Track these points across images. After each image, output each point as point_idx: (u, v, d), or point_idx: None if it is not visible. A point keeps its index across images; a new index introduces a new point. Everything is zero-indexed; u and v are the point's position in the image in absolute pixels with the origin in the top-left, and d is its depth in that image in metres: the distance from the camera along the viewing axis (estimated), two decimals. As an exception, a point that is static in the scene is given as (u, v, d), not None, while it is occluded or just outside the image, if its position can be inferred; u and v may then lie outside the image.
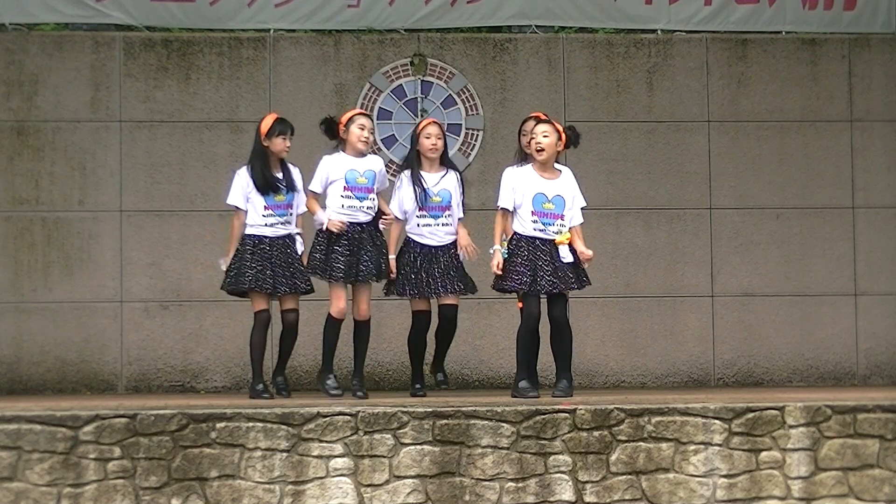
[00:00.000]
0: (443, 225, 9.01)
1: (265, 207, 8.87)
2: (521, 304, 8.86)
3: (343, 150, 8.93)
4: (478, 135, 10.92)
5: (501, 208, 8.82)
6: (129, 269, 10.68)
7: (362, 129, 8.88)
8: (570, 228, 8.73)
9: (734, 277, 11.00)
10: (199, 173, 10.74)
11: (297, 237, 9.01)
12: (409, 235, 9.01)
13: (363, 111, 9.32)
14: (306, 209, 8.95)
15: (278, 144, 8.91)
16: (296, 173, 9.05)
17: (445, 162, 9.16)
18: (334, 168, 8.85)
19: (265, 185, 8.86)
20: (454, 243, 9.04)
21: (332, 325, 8.84)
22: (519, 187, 8.71)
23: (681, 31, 11.13)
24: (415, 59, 10.97)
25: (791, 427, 7.45)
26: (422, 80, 10.96)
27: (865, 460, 7.48)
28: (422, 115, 10.88)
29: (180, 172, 10.76)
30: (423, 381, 9.13)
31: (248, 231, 8.91)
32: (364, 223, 8.83)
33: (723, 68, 11.10)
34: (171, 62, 10.83)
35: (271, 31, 10.92)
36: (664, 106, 11.05)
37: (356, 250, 8.77)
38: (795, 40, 11.17)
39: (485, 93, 10.96)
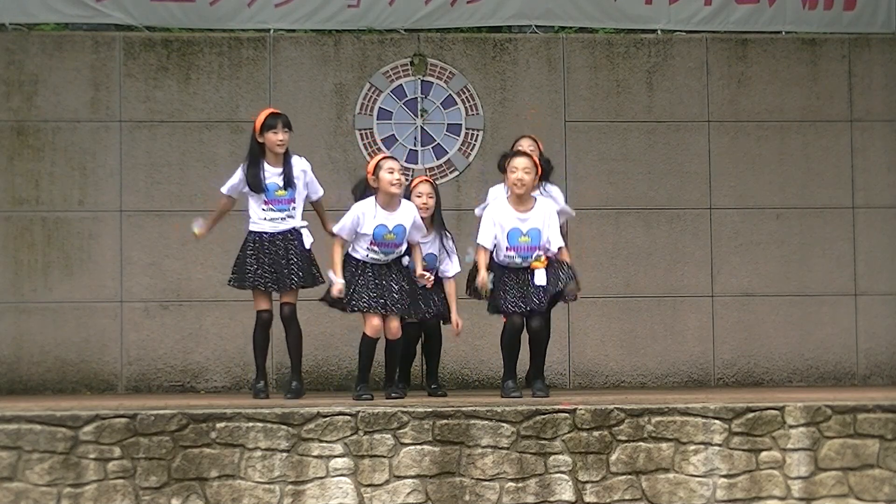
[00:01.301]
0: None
1: (265, 202, 8.89)
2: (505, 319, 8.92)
3: (376, 198, 8.70)
4: (478, 135, 10.92)
5: (479, 245, 8.85)
6: (129, 269, 10.68)
7: (392, 173, 8.66)
8: (547, 254, 8.76)
9: (734, 277, 11.00)
10: (199, 173, 10.73)
11: (304, 230, 8.95)
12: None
13: (386, 154, 9.09)
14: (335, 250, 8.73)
15: (270, 139, 8.89)
16: (300, 165, 8.97)
17: (437, 222, 9.08)
18: (365, 220, 8.65)
19: (255, 185, 8.86)
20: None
21: (368, 344, 8.69)
22: (498, 221, 8.74)
23: (681, 31, 11.13)
24: (415, 59, 10.97)
25: (791, 427, 7.45)
26: (422, 80, 10.96)
27: (865, 460, 7.48)
28: (421, 115, 10.89)
29: (180, 172, 10.76)
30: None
31: (251, 227, 8.94)
32: (387, 263, 8.75)
33: (723, 68, 11.10)
34: (171, 62, 10.83)
35: (271, 31, 10.92)
36: (664, 106, 11.04)
37: (382, 282, 8.67)
38: (795, 40, 11.17)
39: (485, 93, 10.96)
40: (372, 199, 8.71)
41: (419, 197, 8.97)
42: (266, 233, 8.88)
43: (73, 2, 10.77)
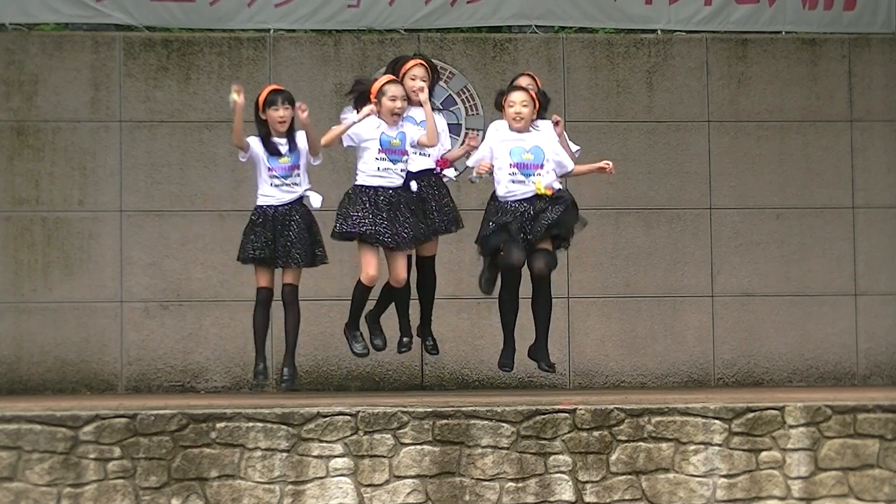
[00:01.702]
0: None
1: (269, 170, 8.83)
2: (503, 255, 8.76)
3: (379, 115, 8.79)
4: (478, 135, 10.90)
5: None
6: (129, 269, 10.68)
7: (394, 101, 8.76)
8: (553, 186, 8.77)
9: (734, 277, 11.00)
10: (199, 173, 10.74)
11: (309, 193, 8.90)
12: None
13: (392, 77, 9.00)
14: (323, 141, 8.76)
15: (271, 115, 8.86)
16: (301, 137, 8.90)
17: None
18: (368, 128, 8.73)
19: (270, 149, 8.83)
20: (431, 171, 9.00)
21: (362, 289, 8.69)
22: (496, 145, 8.76)
23: (681, 31, 11.13)
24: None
25: (791, 427, 7.45)
26: (422, 80, 10.94)
27: (865, 460, 7.47)
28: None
29: (180, 172, 10.76)
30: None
31: (258, 201, 8.89)
32: (398, 187, 8.76)
33: (723, 68, 11.10)
34: (171, 62, 10.83)
35: (271, 31, 10.92)
36: (664, 106, 11.05)
37: (395, 215, 8.69)
38: (795, 40, 11.18)
39: (485, 93, 10.96)
40: (374, 117, 8.76)
41: (413, 80, 8.90)
42: (271, 206, 8.83)
43: (73, 2, 10.77)
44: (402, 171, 8.81)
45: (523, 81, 9.16)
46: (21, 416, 7.18)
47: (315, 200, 8.87)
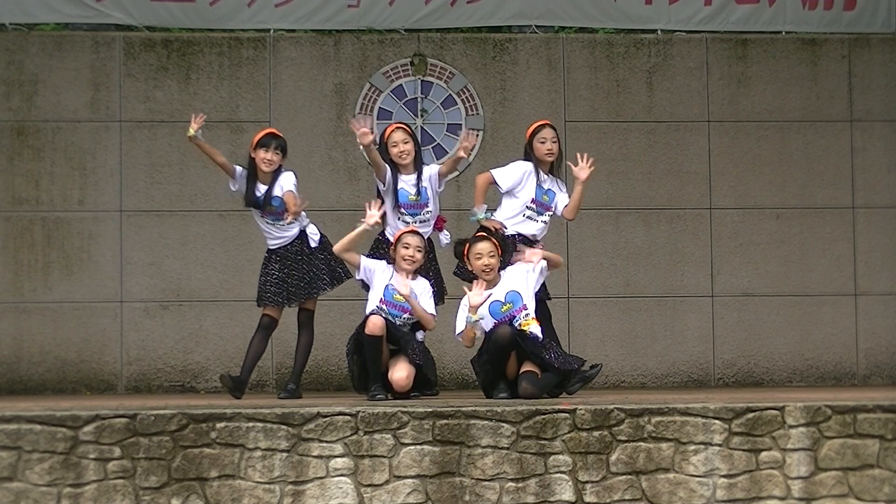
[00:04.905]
0: (420, 222, 8.94)
1: (261, 216, 8.92)
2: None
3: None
4: (478, 135, 10.92)
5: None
6: (129, 269, 10.68)
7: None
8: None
9: (734, 277, 11.00)
10: (199, 173, 10.73)
11: (309, 227, 8.97)
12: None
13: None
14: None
15: (259, 155, 8.87)
16: (284, 179, 8.89)
17: (417, 163, 8.93)
18: (379, 277, 8.60)
19: (249, 201, 8.89)
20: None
21: (372, 344, 8.37)
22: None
23: (681, 31, 11.14)
24: (415, 59, 10.98)
25: (791, 427, 7.45)
26: (422, 80, 10.96)
27: (865, 460, 7.47)
28: (421, 115, 10.89)
29: (180, 172, 10.76)
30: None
31: (267, 244, 8.97)
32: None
33: (723, 68, 11.10)
34: (171, 62, 10.83)
35: (271, 31, 10.92)
36: (664, 106, 11.05)
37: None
38: (795, 40, 11.18)
39: (485, 93, 10.96)
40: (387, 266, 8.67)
41: (395, 146, 8.85)
42: (280, 248, 8.91)
43: (73, 2, 10.77)
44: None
45: (548, 134, 8.91)
46: (21, 416, 7.17)
47: (313, 239, 8.92)
